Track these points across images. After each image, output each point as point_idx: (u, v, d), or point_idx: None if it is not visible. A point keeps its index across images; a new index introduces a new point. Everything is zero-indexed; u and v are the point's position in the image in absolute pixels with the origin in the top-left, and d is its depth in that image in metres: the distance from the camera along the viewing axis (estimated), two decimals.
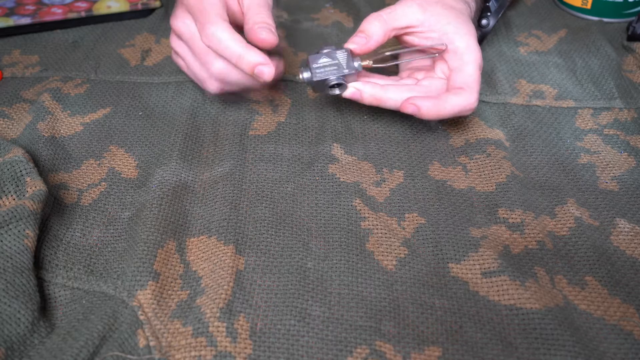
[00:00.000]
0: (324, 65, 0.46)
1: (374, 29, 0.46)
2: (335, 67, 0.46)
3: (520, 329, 0.36)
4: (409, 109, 0.45)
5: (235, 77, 0.46)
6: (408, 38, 0.49)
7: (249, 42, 0.45)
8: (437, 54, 0.46)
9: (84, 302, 0.38)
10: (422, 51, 0.49)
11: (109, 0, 0.66)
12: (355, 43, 0.46)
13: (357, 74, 0.47)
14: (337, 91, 0.47)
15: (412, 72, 0.50)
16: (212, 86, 0.48)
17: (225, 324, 0.36)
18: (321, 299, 0.38)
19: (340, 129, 0.51)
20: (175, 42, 0.49)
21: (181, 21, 0.46)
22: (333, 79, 0.46)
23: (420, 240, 0.42)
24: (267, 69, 0.44)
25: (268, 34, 0.45)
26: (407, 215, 0.44)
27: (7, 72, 0.59)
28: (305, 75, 0.47)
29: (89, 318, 0.37)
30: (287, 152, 0.49)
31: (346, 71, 0.46)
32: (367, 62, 0.47)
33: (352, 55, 0.47)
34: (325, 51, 0.47)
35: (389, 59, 0.49)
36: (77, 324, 0.37)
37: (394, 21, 0.47)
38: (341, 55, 0.46)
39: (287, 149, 0.49)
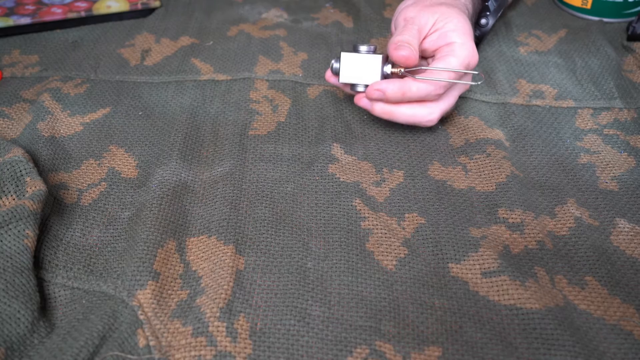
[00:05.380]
0: (355, 68, 0.47)
1: (415, 44, 0.46)
2: (366, 73, 0.47)
3: (520, 329, 0.36)
4: (374, 95, 0.46)
5: None
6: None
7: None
8: (478, 82, 0.46)
9: (83, 302, 0.38)
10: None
11: (109, 0, 0.66)
12: (407, 52, 0.45)
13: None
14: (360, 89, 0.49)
15: None
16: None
17: (225, 324, 0.36)
18: (321, 299, 0.38)
19: (340, 129, 0.51)
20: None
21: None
22: (361, 86, 0.48)
23: (420, 240, 0.42)
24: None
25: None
26: (407, 215, 0.44)
27: (7, 72, 0.59)
28: (337, 75, 0.48)
29: (89, 318, 0.37)
30: (287, 152, 0.49)
31: (377, 78, 0.47)
32: (398, 70, 0.47)
33: (385, 60, 0.47)
34: (361, 50, 0.47)
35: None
36: (77, 324, 0.37)
37: (421, 36, 0.48)
38: (375, 61, 0.47)
39: (287, 148, 0.49)
